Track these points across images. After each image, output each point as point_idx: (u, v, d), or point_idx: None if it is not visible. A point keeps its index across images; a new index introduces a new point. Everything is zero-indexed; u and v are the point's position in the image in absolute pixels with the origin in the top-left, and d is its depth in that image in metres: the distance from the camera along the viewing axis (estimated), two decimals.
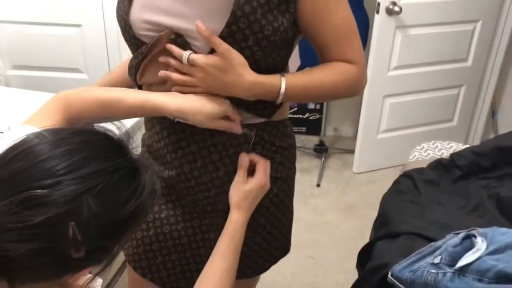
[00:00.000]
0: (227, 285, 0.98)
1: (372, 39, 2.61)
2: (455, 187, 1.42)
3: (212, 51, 0.90)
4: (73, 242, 0.61)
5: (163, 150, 1.04)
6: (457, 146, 1.73)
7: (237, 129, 0.97)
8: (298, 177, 1.16)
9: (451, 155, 1.49)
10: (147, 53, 0.95)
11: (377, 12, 2.53)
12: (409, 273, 1.09)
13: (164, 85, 0.97)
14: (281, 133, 1.06)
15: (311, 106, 3.21)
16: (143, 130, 1.17)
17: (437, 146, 1.73)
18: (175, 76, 0.92)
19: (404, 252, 1.16)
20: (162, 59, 0.94)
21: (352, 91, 1.00)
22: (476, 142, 3.18)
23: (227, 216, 1.02)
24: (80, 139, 0.68)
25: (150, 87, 1.01)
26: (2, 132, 1.58)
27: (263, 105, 0.98)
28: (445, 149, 1.74)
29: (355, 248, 1.53)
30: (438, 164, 1.49)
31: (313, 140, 3.24)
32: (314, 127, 3.25)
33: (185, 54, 0.90)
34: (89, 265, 0.68)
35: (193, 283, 0.99)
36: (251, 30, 0.86)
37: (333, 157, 3.15)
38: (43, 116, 0.89)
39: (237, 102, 0.96)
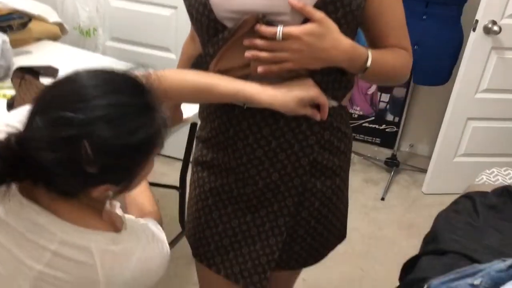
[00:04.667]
0: None
1: (464, 58, 2.50)
2: None
3: (304, 23, 0.90)
4: (85, 157, 0.74)
5: (232, 139, 1.04)
6: None
7: (323, 116, 0.98)
8: (363, 187, 1.16)
9: None
10: (229, 38, 0.95)
11: (473, 30, 2.42)
12: None
13: (243, 69, 0.96)
14: (344, 120, 1.08)
15: (389, 117, 3.14)
16: None
17: (509, 173, 1.62)
18: (264, 54, 0.91)
19: (447, 270, 1.12)
20: (247, 41, 0.92)
21: (406, 75, 1.07)
22: None
23: (287, 208, 1.05)
24: (113, 77, 0.81)
25: (227, 73, 0.98)
26: None
27: (338, 85, 1.01)
28: None
29: None
30: (504, 191, 1.41)
31: (386, 153, 3.16)
32: (389, 140, 3.16)
33: (279, 29, 0.89)
34: (105, 181, 0.80)
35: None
36: (341, 3, 0.91)
37: (403, 173, 3.05)
38: None
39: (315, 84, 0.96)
